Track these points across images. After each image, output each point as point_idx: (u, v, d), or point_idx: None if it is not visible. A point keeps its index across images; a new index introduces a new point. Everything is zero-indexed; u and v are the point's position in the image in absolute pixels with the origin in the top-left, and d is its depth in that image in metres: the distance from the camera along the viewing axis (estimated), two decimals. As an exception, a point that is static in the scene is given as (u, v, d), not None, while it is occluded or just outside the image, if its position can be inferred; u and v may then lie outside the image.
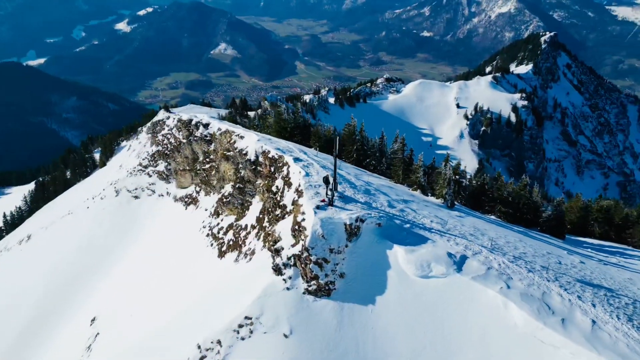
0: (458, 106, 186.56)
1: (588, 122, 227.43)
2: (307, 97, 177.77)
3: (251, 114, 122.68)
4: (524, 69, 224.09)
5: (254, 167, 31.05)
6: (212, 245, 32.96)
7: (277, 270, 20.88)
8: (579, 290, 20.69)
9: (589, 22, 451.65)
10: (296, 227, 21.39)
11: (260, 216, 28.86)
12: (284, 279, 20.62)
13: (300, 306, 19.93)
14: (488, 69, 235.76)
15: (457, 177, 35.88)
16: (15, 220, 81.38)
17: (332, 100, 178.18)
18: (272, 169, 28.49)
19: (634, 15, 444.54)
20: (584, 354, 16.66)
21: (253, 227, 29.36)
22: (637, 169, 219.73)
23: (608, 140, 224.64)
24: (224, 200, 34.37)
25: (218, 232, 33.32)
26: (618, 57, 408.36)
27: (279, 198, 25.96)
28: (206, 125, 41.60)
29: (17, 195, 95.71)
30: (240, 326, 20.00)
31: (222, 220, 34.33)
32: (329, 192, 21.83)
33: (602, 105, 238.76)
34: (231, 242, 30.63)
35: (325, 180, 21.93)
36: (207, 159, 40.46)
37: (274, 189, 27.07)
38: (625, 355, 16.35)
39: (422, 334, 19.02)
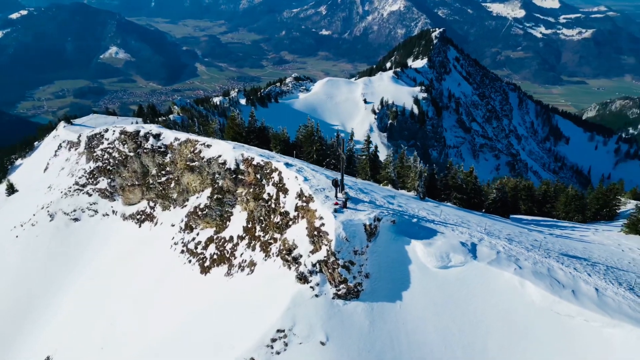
0: (365, 101, 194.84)
1: (478, 110, 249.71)
2: (216, 100, 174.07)
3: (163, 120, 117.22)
4: (420, 63, 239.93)
5: (234, 175, 29.91)
6: (190, 261, 31.15)
7: (303, 278, 20.61)
8: (569, 262, 23.30)
9: (469, 18, 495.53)
10: (315, 232, 21.22)
11: (249, 226, 28.00)
12: (311, 287, 20.42)
13: (332, 311, 19.95)
14: (388, 65, 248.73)
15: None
16: None
17: (243, 101, 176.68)
18: (259, 176, 27.76)
19: (506, 11, 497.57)
20: (597, 319, 18.86)
21: (241, 237, 28.37)
22: (521, 149, 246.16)
23: (496, 125, 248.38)
24: (199, 213, 32.65)
25: (195, 248, 31.56)
26: (496, 49, 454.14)
27: (274, 205, 25.44)
28: (157, 136, 38.95)
29: None
30: (274, 340, 19.50)
31: (197, 234, 32.57)
32: (340, 195, 21.96)
33: (488, 93, 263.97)
34: (215, 256, 29.27)
35: (335, 183, 22.10)
36: (163, 172, 38.03)
37: (265, 196, 26.43)
38: (630, 315, 18.84)
39: (451, 321, 20.10)
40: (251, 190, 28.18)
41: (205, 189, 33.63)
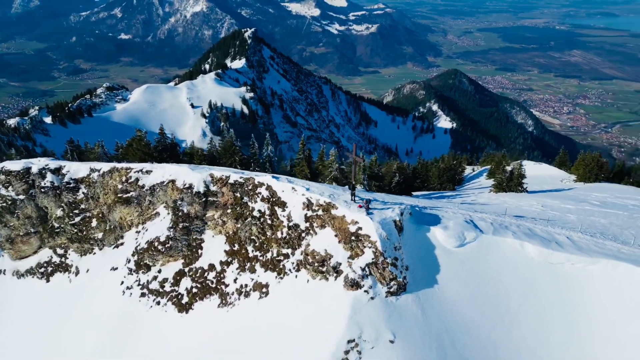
0: (193, 106, 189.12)
1: (300, 104, 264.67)
2: (12, 122, 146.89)
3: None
4: (239, 63, 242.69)
5: (204, 199, 26.26)
6: (158, 303, 26.60)
7: (354, 284, 20.62)
8: (531, 221, 27.38)
9: (271, 18, 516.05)
10: (351, 237, 21.32)
11: (235, 248, 25.24)
12: (365, 291, 20.72)
13: (390, 309, 20.80)
14: (207, 67, 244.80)
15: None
16: None
17: (48, 119, 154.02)
18: (238, 194, 25.12)
19: (304, 10, 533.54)
20: (580, 260, 23.10)
21: (226, 263, 25.55)
22: (341, 136, 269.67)
23: (317, 117, 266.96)
24: (159, 247, 27.54)
25: (162, 287, 26.97)
26: (301, 46, 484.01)
27: (270, 221, 23.71)
28: (57, 171, 31.16)
29: None
30: (347, 352, 19.47)
31: (159, 271, 27.75)
32: (358, 198, 21.86)
33: (305, 88, 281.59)
34: (195, 290, 25.61)
35: (351, 186, 22.04)
36: (76, 211, 30.80)
37: (255, 213, 24.18)
38: (599, 252, 23.45)
39: (478, 291, 22.32)
40: (229, 211, 25.47)
41: (147, 220, 28.89)
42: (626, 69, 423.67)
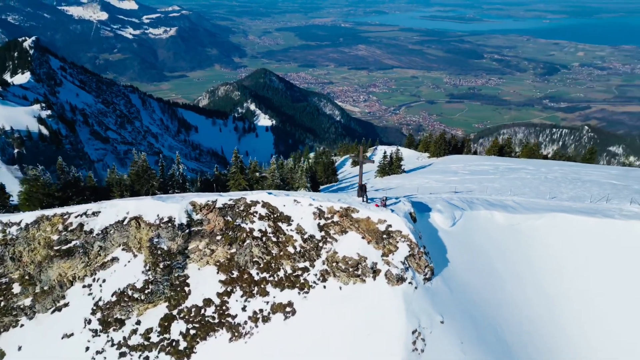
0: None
1: (109, 117, 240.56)
2: None
3: None
4: (23, 78, 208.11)
5: (187, 230, 21.68)
6: (147, 358, 22.27)
7: (400, 279, 21.82)
8: (474, 194, 30.68)
9: (49, 23, 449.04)
10: (383, 236, 22.28)
11: (234, 275, 22.27)
12: (409, 282, 22.00)
13: (431, 294, 22.45)
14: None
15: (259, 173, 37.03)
16: None
17: None
18: (229, 218, 21.76)
19: (88, 14, 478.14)
20: (530, 217, 28.11)
21: (226, 293, 22.47)
22: (161, 146, 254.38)
23: (131, 129, 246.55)
24: (134, 296, 21.72)
25: (146, 339, 22.14)
26: (92, 53, 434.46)
27: (275, 238, 22.06)
28: None
29: None
30: (414, 342, 20.45)
31: (137, 323, 22.40)
32: (367, 199, 21.48)
33: (110, 99, 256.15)
34: (194, 331, 21.77)
35: (363, 188, 21.74)
36: None
37: (256, 233, 21.54)
38: (540, 209, 28.01)
39: (472, 260, 26.27)
40: (218, 238, 21.94)
41: (98, 270, 22.71)
42: (402, 59, 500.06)
